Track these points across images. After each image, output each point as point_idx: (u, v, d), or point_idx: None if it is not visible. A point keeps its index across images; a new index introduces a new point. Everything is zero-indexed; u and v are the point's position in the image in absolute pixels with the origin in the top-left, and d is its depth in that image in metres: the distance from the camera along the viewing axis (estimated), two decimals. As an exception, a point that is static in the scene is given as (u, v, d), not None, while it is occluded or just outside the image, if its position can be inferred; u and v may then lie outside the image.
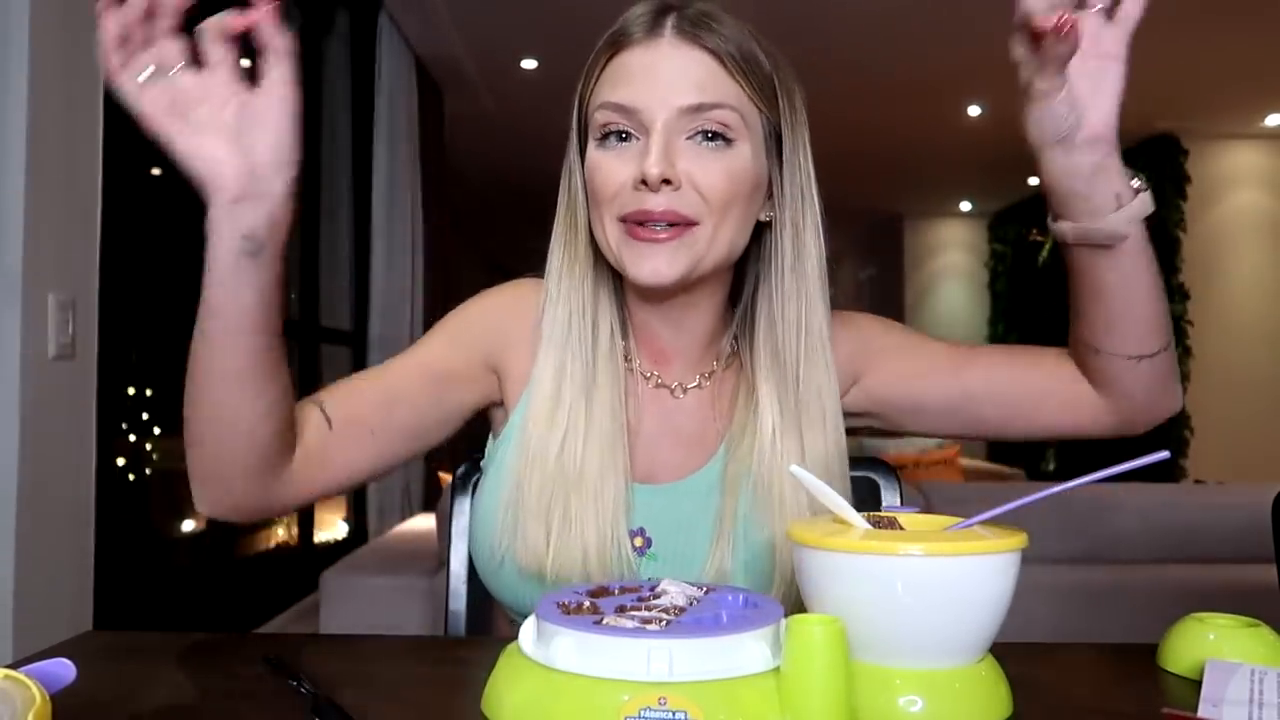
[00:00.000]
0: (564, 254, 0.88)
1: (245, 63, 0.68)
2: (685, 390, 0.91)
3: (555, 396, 0.85)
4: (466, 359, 0.89)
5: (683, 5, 0.83)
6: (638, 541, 0.85)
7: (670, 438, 0.89)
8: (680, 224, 0.79)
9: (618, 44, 0.83)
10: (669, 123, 0.79)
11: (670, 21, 0.81)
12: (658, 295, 0.86)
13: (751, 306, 0.90)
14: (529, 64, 4.73)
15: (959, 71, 4.92)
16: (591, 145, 0.83)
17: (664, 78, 0.80)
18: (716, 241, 0.81)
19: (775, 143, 0.85)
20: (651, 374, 0.91)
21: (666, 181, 0.78)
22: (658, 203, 0.78)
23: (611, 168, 0.81)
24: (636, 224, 0.80)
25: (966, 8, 4.08)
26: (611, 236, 0.82)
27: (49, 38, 1.69)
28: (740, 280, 0.91)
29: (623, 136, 0.81)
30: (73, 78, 1.77)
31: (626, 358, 0.90)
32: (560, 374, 0.86)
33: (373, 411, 0.84)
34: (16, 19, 1.64)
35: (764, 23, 0.87)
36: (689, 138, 0.80)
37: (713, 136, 0.80)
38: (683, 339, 0.90)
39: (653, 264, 0.80)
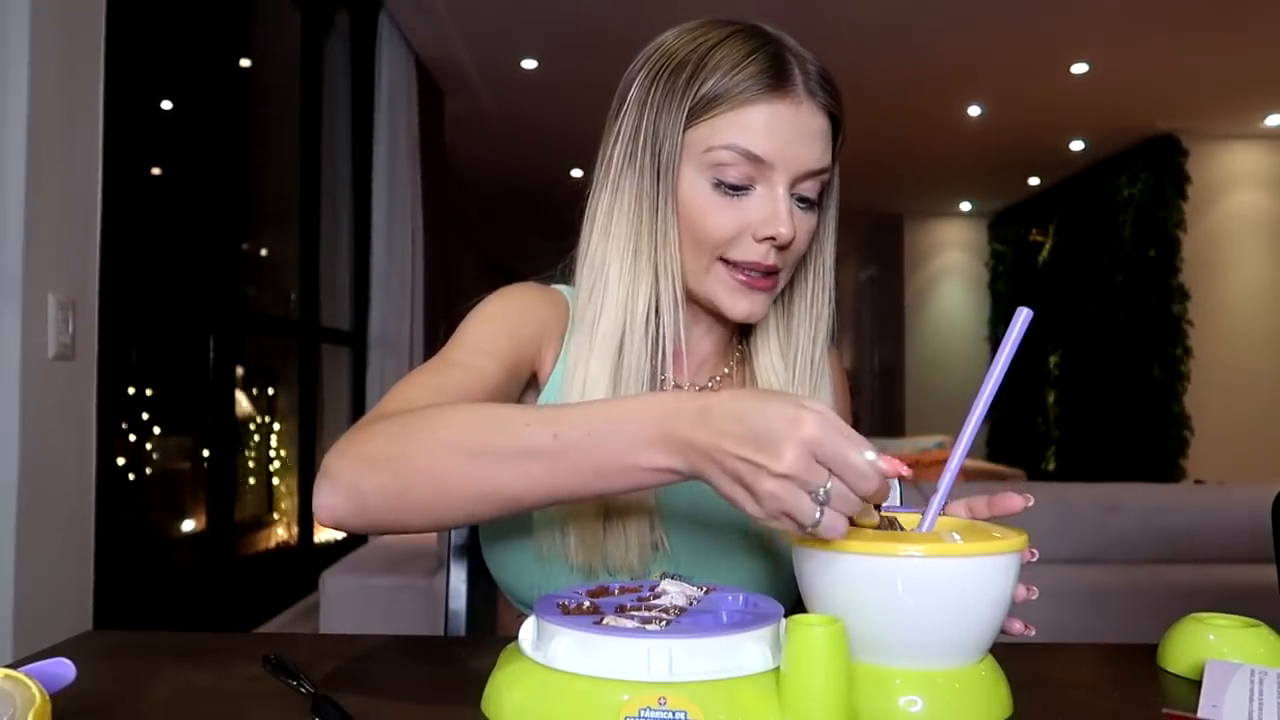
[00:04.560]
0: (633, 269, 0.86)
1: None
2: (698, 390, 0.92)
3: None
4: (518, 353, 0.87)
5: (799, 55, 0.85)
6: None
7: None
8: (775, 272, 0.86)
9: (745, 87, 0.81)
10: (790, 182, 0.83)
11: (798, 75, 0.83)
12: (721, 317, 0.89)
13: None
14: (529, 64, 4.73)
15: (960, 71, 4.92)
16: (703, 183, 0.84)
17: (799, 137, 0.83)
18: (784, 280, 0.89)
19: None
20: (665, 375, 0.91)
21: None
22: (770, 257, 0.84)
23: (728, 216, 0.84)
24: (739, 268, 0.84)
25: (967, 7, 4.08)
26: (711, 274, 0.86)
27: (49, 37, 1.69)
28: None
29: (740, 187, 0.83)
30: (72, 77, 1.77)
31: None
32: (612, 381, 0.84)
33: None
34: (16, 18, 1.63)
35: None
36: (791, 194, 0.84)
37: (806, 198, 0.85)
38: (706, 344, 0.94)
39: (750, 306, 0.86)
